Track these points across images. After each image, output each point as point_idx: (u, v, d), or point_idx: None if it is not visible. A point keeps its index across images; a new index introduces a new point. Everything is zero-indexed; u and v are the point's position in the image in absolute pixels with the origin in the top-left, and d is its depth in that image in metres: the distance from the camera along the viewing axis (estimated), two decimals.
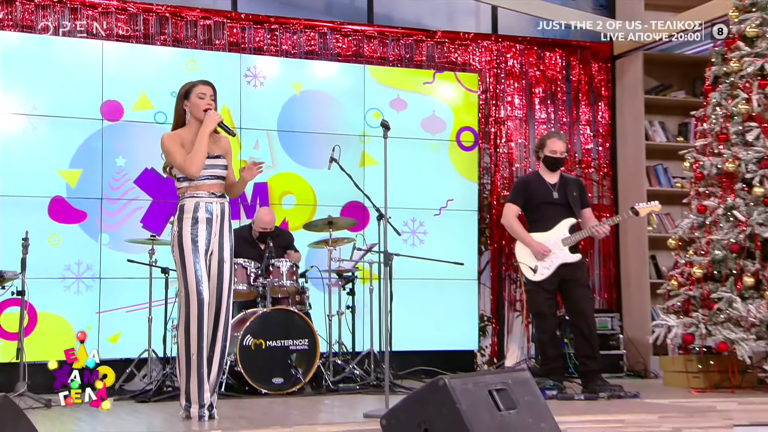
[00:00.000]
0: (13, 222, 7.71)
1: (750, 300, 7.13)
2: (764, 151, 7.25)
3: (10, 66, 8.04)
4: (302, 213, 8.75)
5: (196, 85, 5.45)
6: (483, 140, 9.53)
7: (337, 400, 6.66)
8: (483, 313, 9.46)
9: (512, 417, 4.60)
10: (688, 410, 5.94)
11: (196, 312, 5.21)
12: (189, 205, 5.30)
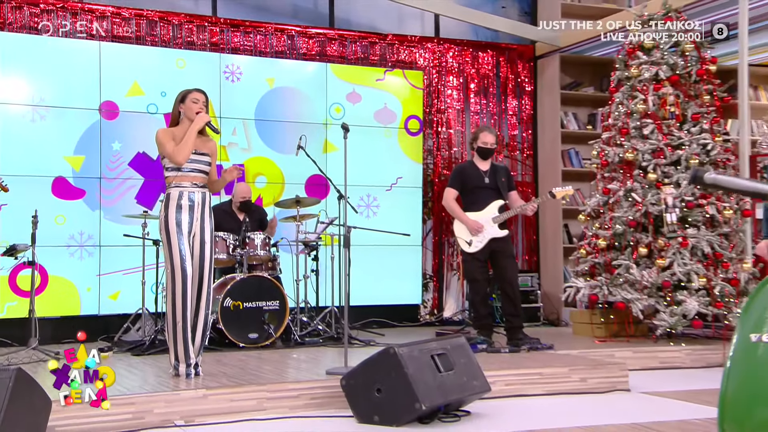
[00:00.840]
0: (24, 199, 7.60)
1: (644, 267, 7.28)
2: (657, 144, 7.37)
3: (19, 63, 7.89)
4: (272, 190, 8.71)
5: (192, 92, 5.48)
6: (427, 127, 9.51)
7: (303, 354, 6.65)
8: (426, 273, 9.49)
9: (450, 377, 4.70)
10: (592, 363, 6.06)
11: (180, 285, 5.23)
12: (174, 193, 5.31)
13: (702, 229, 7.22)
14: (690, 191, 7.23)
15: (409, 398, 4.41)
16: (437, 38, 9.77)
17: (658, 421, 4.72)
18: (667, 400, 5.55)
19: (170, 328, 5.28)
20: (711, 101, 7.60)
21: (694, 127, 7.42)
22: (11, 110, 7.87)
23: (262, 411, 4.85)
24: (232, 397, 4.84)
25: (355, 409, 4.63)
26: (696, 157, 7.28)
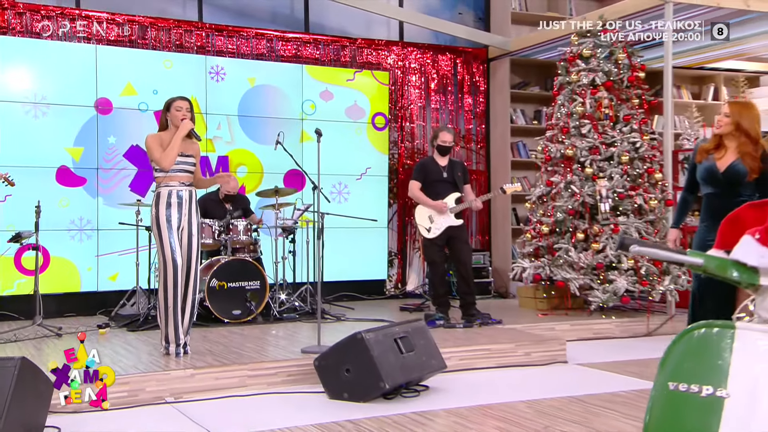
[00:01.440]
0: (28, 188, 7.48)
1: (580, 250, 7.33)
2: (593, 142, 7.40)
3: (21, 64, 7.74)
4: (253, 179, 8.64)
5: (176, 100, 5.42)
6: (392, 122, 9.48)
7: (281, 329, 6.63)
8: (391, 250, 9.48)
9: (411, 357, 4.72)
10: (535, 338, 6.12)
11: (171, 274, 5.20)
12: (164, 192, 5.27)
13: (631, 216, 7.28)
14: (621, 184, 7.28)
15: (375, 378, 4.44)
16: (401, 42, 9.69)
17: (590, 394, 4.74)
18: (598, 371, 5.60)
19: (162, 312, 5.26)
20: (640, 104, 7.64)
21: (625, 127, 7.46)
22: (15, 107, 7.70)
23: (244, 387, 4.85)
24: (217, 375, 4.83)
25: (326, 387, 4.65)
26: (627, 153, 7.32)
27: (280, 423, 4.06)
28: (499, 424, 4.04)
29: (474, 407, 4.40)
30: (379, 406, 4.42)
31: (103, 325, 6.66)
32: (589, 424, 4.05)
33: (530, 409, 4.37)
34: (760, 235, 1.40)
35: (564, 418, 4.17)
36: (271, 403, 4.61)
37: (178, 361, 5.04)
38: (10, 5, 7.78)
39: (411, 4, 9.72)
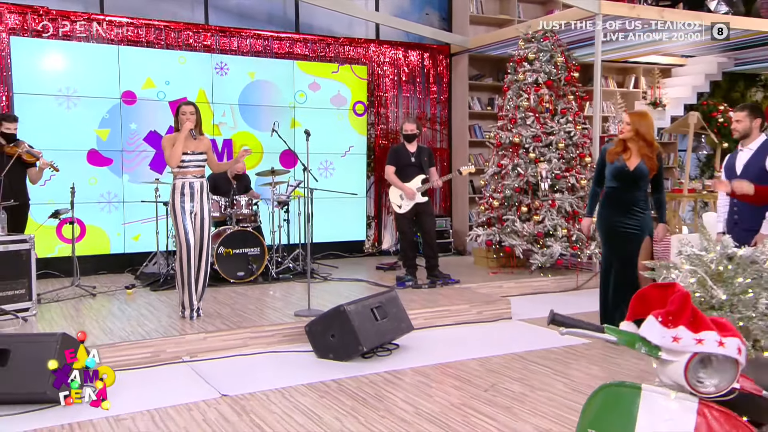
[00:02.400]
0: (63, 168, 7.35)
1: (524, 221, 7.38)
2: (536, 131, 7.39)
3: (55, 63, 7.53)
4: (254, 158, 8.52)
5: (182, 106, 5.30)
6: (370, 108, 9.36)
7: (278, 290, 6.58)
8: (369, 215, 9.47)
9: (385, 323, 4.75)
10: (486, 299, 6.11)
11: (185, 252, 5.17)
12: (179, 184, 5.20)
13: (565, 193, 7.32)
14: (558, 166, 7.29)
15: (355, 342, 4.48)
16: (378, 40, 9.51)
17: (529, 351, 4.80)
18: (536, 327, 5.58)
19: (179, 282, 5.25)
20: (574, 99, 7.62)
21: (562, 119, 7.45)
22: (50, 99, 7.52)
23: (246, 347, 4.87)
24: (224, 338, 4.85)
25: (315, 348, 4.68)
26: (563, 141, 7.32)
27: (276, 383, 4.08)
28: (455, 382, 4.09)
29: (435, 366, 4.43)
30: (359, 365, 4.45)
31: (130, 286, 6.65)
32: (528, 381, 4.11)
33: (481, 367, 4.41)
34: (662, 318, 1.41)
35: (507, 375, 4.23)
36: (269, 362, 4.61)
37: (193, 325, 5.04)
38: (45, 12, 7.53)
39: (385, 5, 9.52)
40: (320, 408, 3.63)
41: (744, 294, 1.75)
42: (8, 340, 3.88)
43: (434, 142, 9.75)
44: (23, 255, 5.50)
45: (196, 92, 8.24)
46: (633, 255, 4.89)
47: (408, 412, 3.56)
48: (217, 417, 3.53)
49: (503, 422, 3.42)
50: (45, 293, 6.40)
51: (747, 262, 1.79)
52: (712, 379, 1.38)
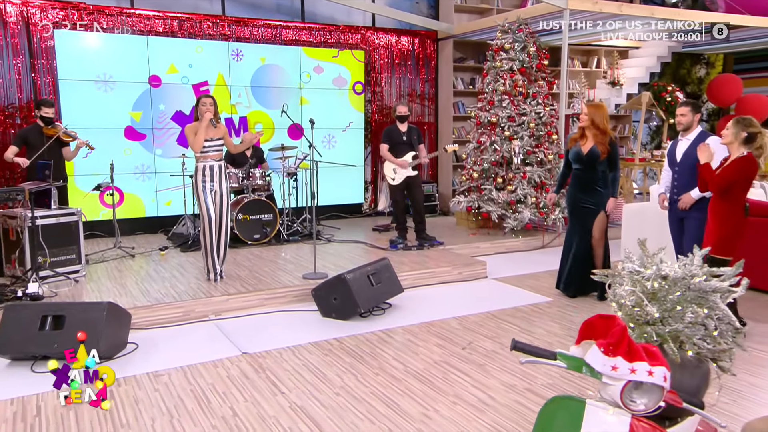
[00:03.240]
0: (101, 145, 7.31)
1: (499, 190, 7.37)
2: (511, 112, 7.32)
3: (92, 52, 7.36)
4: (266, 133, 8.42)
5: (202, 97, 5.22)
6: (367, 88, 9.23)
7: (289, 251, 6.56)
8: (366, 180, 9.45)
9: (379, 287, 4.78)
10: (466, 261, 6.08)
11: (207, 224, 5.19)
12: (200, 167, 5.19)
13: (535, 166, 7.30)
14: (529, 143, 7.25)
15: (354, 305, 4.53)
16: (374, 28, 9.30)
17: (501, 309, 4.84)
18: (507, 285, 5.61)
19: (203, 250, 5.28)
20: (544, 85, 7.51)
21: (533, 101, 7.36)
22: (89, 84, 7.40)
23: (263, 306, 4.92)
24: (244, 299, 4.90)
25: (320, 308, 4.73)
26: (534, 121, 7.26)
27: (288, 341, 4.14)
28: (438, 340, 4.16)
29: (421, 324, 4.49)
30: (357, 324, 4.50)
31: (163, 248, 6.68)
32: (499, 339, 4.18)
33: (460, 325, 4.48)
34: (603, 348, 1.45)
35: (482, 333, 4.30)
36: (281, 320, 4.65)
37: (217, 287, 5.07)
38: (83, 7, 7.35)
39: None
40: (324, 366, 3.72)
41: (674, 309, 1.79)
42: (64, 307, 3.93)
43: (423, 117, 9.65)
44: (72, 225, 5.53)
45: (216, 76, 8.10)
46: (588, 227, 4.97)
47: (398, 369, 3.65)
48: (238, 374, 3.62)
49: (477, 378, 3.51)
50: (92, 254, 6.46)
51: (678, 279, 1.83)
52: (642, 399, 1.44)
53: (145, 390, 3.42)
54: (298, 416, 3.07)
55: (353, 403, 3.20)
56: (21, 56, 7.19)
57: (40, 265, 5.17)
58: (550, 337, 4.20)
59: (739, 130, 3.94)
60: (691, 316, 1.80)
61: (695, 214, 4.42)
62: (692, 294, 1.86)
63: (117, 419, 3.09)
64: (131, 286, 5.17)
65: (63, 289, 5.10)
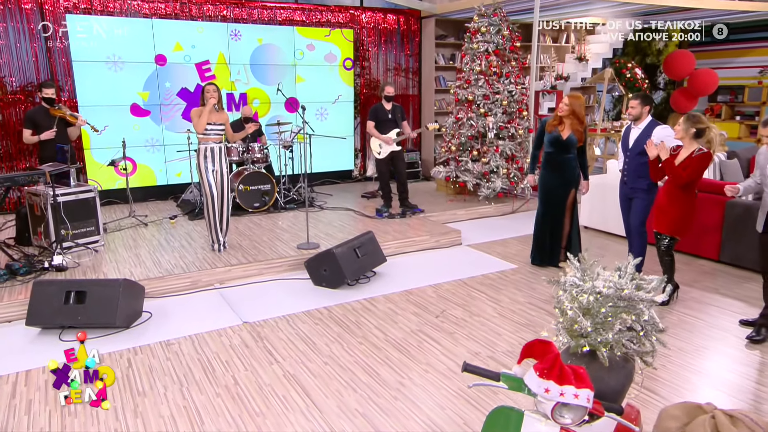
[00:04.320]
0: (113, 121, 7.22)
1: (475, 162, 7.37)
2: (486, 91, 7.20)
3: (101, 34, 7.11)
4: (264, 107, 8.32)
5: (207, 85, 5.12)
6: (356, 63, 9.05)
7: (286, 220, 6.52)
8: (356, 148, 9.37)
9: (364, 258, 4.79)
10: (443, 230, 6.03)
11: (210, 201, 5.18)
12: (202, 148, 5.15)
13: (506, 140, 7.27)
14: (502, 119, 7.20)
15: (341, 276, 4.59)
16: (362, 7, 9.03)
17: (471, 277, 4.90)
18: (479, 252, 5.63)
19: (207, 224, 5.30)
20: (516, 65, 7.37)
21: (506, 81, 7.25)
22: (100, 65, 7.20)
23: (261, 275, 4.97)
24: (245, 268, 4.94)
25: (312, 278, 4.78)
26: (506, 99, 7.18)
27: (283, 309, 4.21)
28: (415, 308, 4.24)
29: (401, 293, 4.55)
30: (345, 293, 4.56)
31: (173, 217, 6.69)
32: (468, 307, 4.27)
33: (435, 293, 4.55)
34: (539, 372, 1.53)
35: (454, 301, 4.39)
36: (278, 288, 4.70)
37: (220, 257, 5.10)
38: None
39: None
40: (315, 335, 3.82)
41: (605, 322, 1.87)
42: (86, 283, 3.96)
43: (408, 89, 9.52)
44: (90, 201, 5.50)
45: (216, 55, 7.90)
46: (563, 205, 5.02)
47: (379, 338, 3.76)
48: (239, 343, 3.72)
49: (446, 347, 3.63)
50: (110, 222, 6.47)
51: (608, 295, 1.90)
52: (569, 415, 1.52)
53: (159, 359, 3.52)
54: (291, 385, 3.19)
55: (339, 372, 3.32)
56: (37, 40, 6.97)
57: (63, 237, 5.19)
58: (515, 305, 4.30)
59: (689, 126, 3.96)
60: (620, 328, 1.88)
61: (642, 195, 4.48)
62: (622, 303, 1.94)
63: (135, 387, 3.19)
64: (145, 256, 5.21)
65: (84, 259, 5.14)
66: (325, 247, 5.25)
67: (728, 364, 3.40)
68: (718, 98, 11.56)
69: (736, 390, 3.11)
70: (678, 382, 3.17)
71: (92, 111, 7.16)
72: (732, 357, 3.48)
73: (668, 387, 3.12)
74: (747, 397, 3.03)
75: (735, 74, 11.53)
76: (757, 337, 3.62)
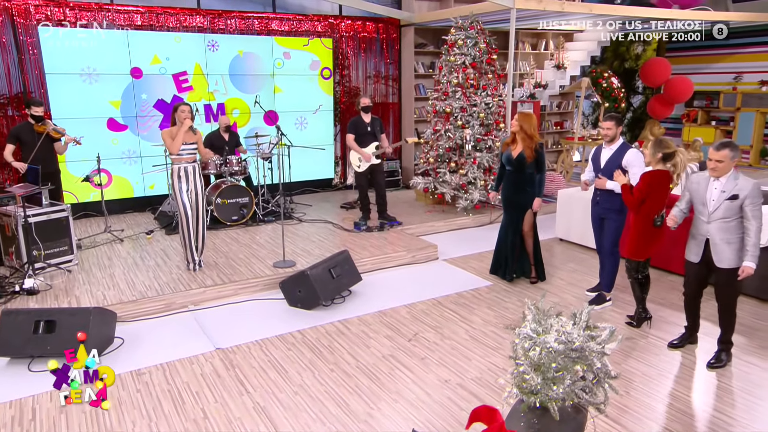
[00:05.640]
0: (88, 134, 7.13)
1: (453, 173, 7.39)
2: (463, 103, 7.21)
3: (76, 47, 7.00)
4: (242, 118, 8.27)
5: (180, 105, 5.08)
6: (335, 73, 9.02)
7: (263, 234, 6.46)
8: (336, 155, 9.36)
9: (340, 278, 4.77)
10: (420, 245, 6.02)
11: (185, 221, 5.15)
12: (176, 168, 5.12)
13: (484, 152, 7.29)
14: (479, 131, 7.22)
15: (316, 297, 4.58)
16: (341, 16, 9.00)
17: (445, 296, 4.89)
18: (455, 268, 5.62)
19: (182, 243, 5.26)
20: (493, 77, 7.40)
21: (483, 93, 7.27)
22: (75, 78, 7.10)
23: (237, 295, 4.93)
24: (220, 289, 4.91)
25: (287, 299, 4.76)
26: (483, 111, 7.20)
27: (256, 334, 4.17)
28: (388, 331, 4.24)
29: (375, 314, 4.54)
30: (319, 314, 4.55)
31: (149, 232, 6.63)
32: (441, 329, 4.28)
33: (409, 314, 4.55)
34: None
35: (427, 322, 4.39)
36: (252, 309, 4.66)
37: (195, 277, 5.06)
38: (65, 4, 6.98)
39: None
40: (287, 361, 3.81)
41: (556, 377, 1.90)
42: (55, 312, 3.92)
43: (388, 97, 9.52)
44: (63, 220, 5.45)
45: (193, 66, 7.83)
46: (520, 221, 5.08)
47: (350, 364, 3.77)
48: (211, 371, 3.70)
49: (417, 373, 3.65)
50: (85, 238, 6.40)
51: (560, 352, 1.93)
52: None
53: (129, 390, 3.50)
54: (260, 418, 3.19)
55: (309, 403, 3.33)
56: (9, 53, 6.86)
57: (35, 258, 5.13)
58: (486, 327, 4.33)
59: (656, 151, 4.03)
60: (569, 383, 1.92)
61: (613, 216, 4.54)
62: (574, 354, 1.97)
63: (103, 423, 3.18)
64: (119, 277, 5.16)
65: (57, 281, 5.09)
66: (301, 265, 5.25)
67: (690, 389, 3.46)
68: (695, 103, 11.71)
69: (695, 418, 3.17)
70: (641, 411, 3.22)
71: (67, 123, 7.05)
72: (694, 382, 3.54)
73: (631, 415, 3.18)
74: (703, 426, 3.09)
75: (710, 80, 11.69)
76: (717, 364, 3.69)
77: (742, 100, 11.01)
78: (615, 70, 11.99)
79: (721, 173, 3.50)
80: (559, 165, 9.65)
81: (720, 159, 3.46)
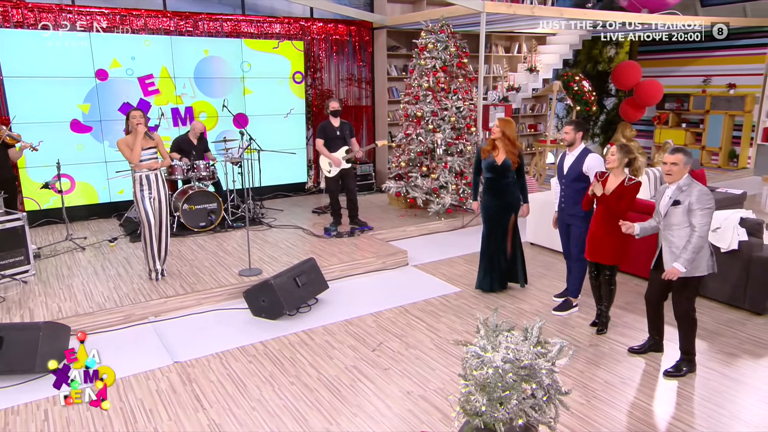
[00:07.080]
0: (50, 139, 6.94)
1: (424, 178, 7.34)
2: (434, 107, 7.18)
3: (41, 50, 6.81)
4: (211, 121, 8.11)
5: (132, 111, 4.92)
6: (307, 76, 8.93)
7: (232, 240, 6.36)
8: (309, 159, 9.25)
9: (305, 287, 4.70)
10: (389, 251, 5.95)
11: (148, 230, 5.01)
12: (137, 177, 4.96)
13: (455, 156, 7.27)
14: (450, 135, 7.19)
15: (280, 306, 4.49)
16: (313, 18, 8.90)
17: (413, 303, 4.84)
18: (424, 274, 5.57)
19: (144, 252, 5.12)
20: (464, 81, 7.38)
21: (454, 97, 7.24)
22: (36, 81, 6.89)
23: (200, 305, 4.83)
24: (182, 299, 4.79)
25: (251, 308, 4.67)
26: (454, 115, 7.18)
27: (217, 346, 4.07)
28: (353, 341, 4.16)
29: (341, 323, 4.46)
30: (283, 324, 4.46)
31: (113, 240, 6.46)
32: (406, 338, 4.22)
33: (375, 323, 4.47)
34: None
35: (393, 331, 4.32)
36: (215, 320, 4.56)
37: (157, 287, 4.93)
38: (23, 5, 6.77)
39: None
40: (247, 375, 3.72)
41: (503, 397, 1.85)
42: (3, 328, 3.78)
43: (361, 100, 9.45)
44: (18, 229, 5.26)
45: (159, 69, 7.67)
46: (505, 228, 5.01)
47: (311, 377, 3.68)
48: (167, 387, 3.59)
49: (379, 385, 3.58)
50: (45, 246, 6.21)
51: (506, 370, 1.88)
52: None
53: (78, 409, 3.37)
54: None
55: (266, 419, 3.24)
56: None
57: None
58: (452, 334, 4.29)
59: (623, 156, 4.04)
60: (516, 402, 1.87)
61: (579, 222, 4.52)
62: (523, 372, 1.93)
63: None
64: (77, 288, 5.00)
65: (11, 292, 4.91)
66: (268, 273, 5.15)
67: (651, 398, 3.46)
68: (666, 106, 11.87)
69: (655, 428, 3.16)
70: (601, 421, 3.20)
71: (27, 128, 6.85)
72: (656, 390, 3.54)
73: (592, 426, 3.16)
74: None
75: (680, 83, 11.86)
76: (675, 373, 3.69)
77: (711, 102, 11.19)
78: (588, 72, 12.11)
79: (674, 179, 3.50)
80: (531, 168, 9.68)
81: (674, 161, 3.47)
